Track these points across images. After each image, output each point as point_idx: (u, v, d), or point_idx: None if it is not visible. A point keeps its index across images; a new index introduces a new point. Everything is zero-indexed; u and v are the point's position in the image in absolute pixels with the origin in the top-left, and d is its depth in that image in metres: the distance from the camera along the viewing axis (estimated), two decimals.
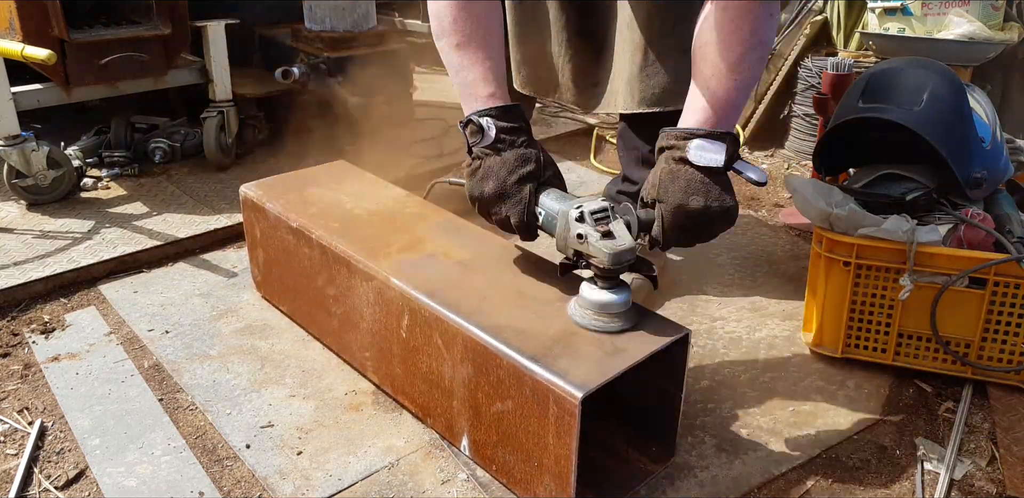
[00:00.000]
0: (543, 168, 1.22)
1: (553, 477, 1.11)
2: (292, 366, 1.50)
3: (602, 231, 1.12)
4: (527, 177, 1.20)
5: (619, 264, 1.12)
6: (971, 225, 1.42)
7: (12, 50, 1.74)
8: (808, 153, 2.49)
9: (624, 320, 1.16)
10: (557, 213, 1.17)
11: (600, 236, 1.11)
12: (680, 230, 1.15)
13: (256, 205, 1.57)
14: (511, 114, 1.23)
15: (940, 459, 1.30)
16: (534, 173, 1.21)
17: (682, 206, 1.12)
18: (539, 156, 1.23)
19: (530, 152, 1.22)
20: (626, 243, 1.11)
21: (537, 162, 1.22)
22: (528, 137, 1.24)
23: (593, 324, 1.16)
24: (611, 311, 1.15)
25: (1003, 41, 2.15)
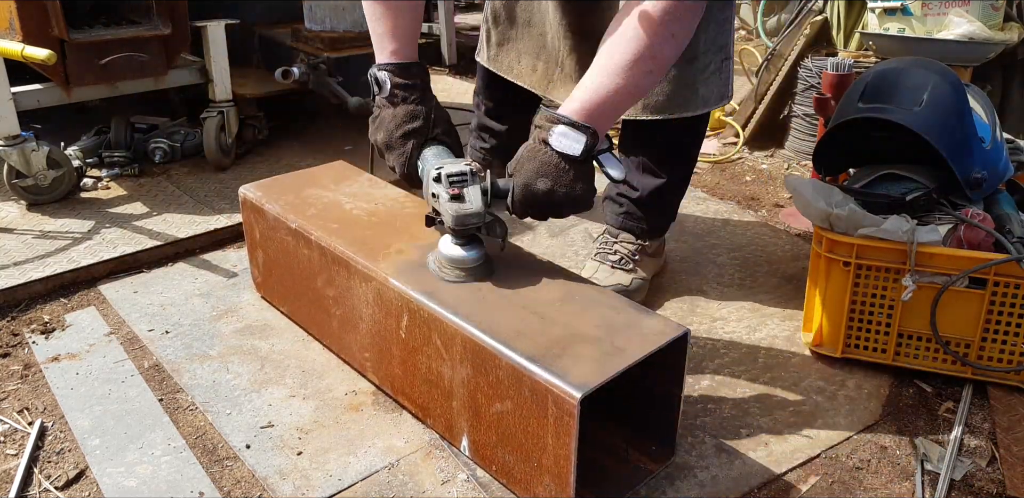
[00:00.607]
0: (431, 125, 1.29)
1: (553, 477, 1.11)
2: (292, 366, 1.51)
3: (452, 193, 1.20)
4: (411, 133, 1.28)
5: (462, 226, 1.20)
6: (971, 225, 1.42)
7: (12, 50, 1.74)
8: (808, 153, 2.49)
9: (473, 275, 1.26)
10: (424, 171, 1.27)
11: (449, 198, 1.20)
12: (525, 205, 1.22)
13: (255, 206, 1.57)
14: (409, 71, 1.30)
15: (940, 459, 1.30)
16: (419, 129, 1.28)
17: (528, 185, 1.19)
18: (429, 113, 1.29)
19: (419, 109, 1.29)
20: (472, 207, 1.19)
21: (425, 119, 1.28)
22: (422, 94, 1.30)
23: (447, 276, 1.26)
24: (463, 266, 1.26)
25: (1003, 41, 2.15)
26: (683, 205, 2.18)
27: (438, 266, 1.28)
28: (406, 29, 1.32)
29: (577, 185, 1.19)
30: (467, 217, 1.20)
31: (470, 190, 1.21)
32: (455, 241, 1.25)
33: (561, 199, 1.19)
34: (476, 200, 1.20)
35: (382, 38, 1.32)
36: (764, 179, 2.46)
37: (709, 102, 1.58)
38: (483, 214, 1.21)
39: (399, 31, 1.31)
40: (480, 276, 1.26)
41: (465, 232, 1.23)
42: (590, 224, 2.09)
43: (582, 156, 1.17)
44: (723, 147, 2.67)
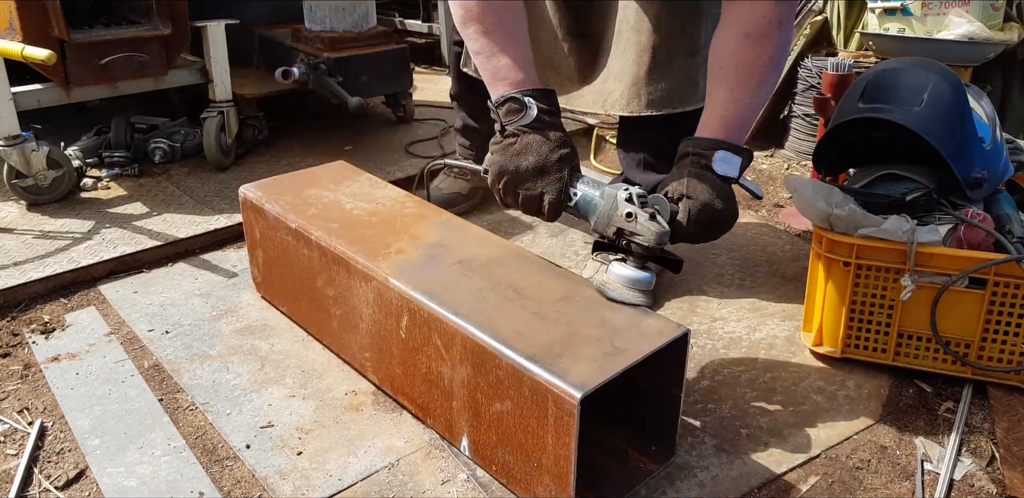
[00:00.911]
0: (576, 154, 1.28)
1: (553, 477, 1.11)
2: (292, 366, 1.51)
3: (649, 213, 1.21)
4: (565, 158, 1.25)
5: (661, 244, 1.22)
6: (971, 225, 1.42)
7: (12, 50, 1.74)
8: (808, 153, 2.49)
9: (649, 297, 1.26)
10: (598, 194, 1.26)
11: (648, 217, 1.21)
12: (699, 225, 1.23)
13: (255, 206, 1.57)
14: (550, 98, 1.28)
15: (940, 459, 1.30)
16: (570, 155, 1.26)
17: (708, 205, 1.22)
18: (570, 141, 1.28)
19: (567, 137, 1.28)
20: (666, 228, 1.22)
21: (571, 147, 1.27)
22: (561, 122, 1.29)
23: (627, 297, 1.24)
24: (642, 287, 1.24)
25: (1003, 41, 2.15)
26: None
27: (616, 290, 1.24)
28: (528, 58, 1.31)
29: (735, 205, 1.25)
30: (664, 235, 1.22)
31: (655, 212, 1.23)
32: (635, 264, 1.25)
33: (730, 217, 1.24)
34: (663, 220, 1.23)
35: (507, 69, 1.29)
36: (764, 179, 2.46)
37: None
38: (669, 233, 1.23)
39: (523, 60, 1.30)
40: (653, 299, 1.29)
41: (657, 251, 1.24)
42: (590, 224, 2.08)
43: (737, 177, 1.25)
44: None
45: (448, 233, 1.43)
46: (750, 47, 1.21)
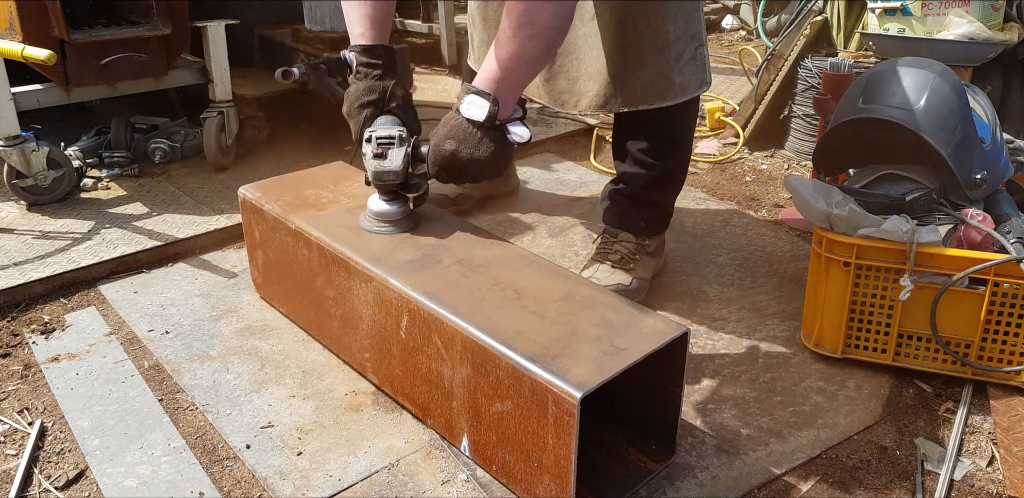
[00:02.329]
0: (386, 99, 1.44)
1: (553, 477, 1.11)
2: (292, 366, 1.51)
3: (375, 152, 1.36)
4: (367, 104, 1.44)
5: (379, 180, 1.37)
6: (971, 225, 1.42)
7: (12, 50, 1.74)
8: (808, 153, 2.49)
9: (398, 227, 1.42)
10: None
11: (372, 156, 1.36)
12: (435, 165, 1.36)
13: (255, 207, 1.57)
14: (372, 52, 1.45)
15: (940, 459, 1.30)
16: (375, 101, 1.44)
17: (438, 146, 1.34)
18: (386, 89, 1.44)
19: (378, 84, 1.44)
20: (391, 166, 1.35)
21: (381, 93, 1.44)
22: (383, 72, 1.45)
23: (373, 228, 1.42)
24: (386, 218, 1.41)
25: (1003, 41, 2.15)
26: (683, 205, 2.19)
27: (366, 219, 1.43)
28: (375, 16, 1.46)
29: (481, 148, 1.31)
30: (384, 173, 1.35)
31: (394, 151, 1.36)
32: (381, 197, 1.41)
33: (465, 159, 1.31)
34: (396, 160, 1.35)
35: (353, 24, 1.47)
36: (764, 179, 2.46)
37: (688, 89, 1.61)
38: (400, 173, 1.35)
39: (367, 17, 1.46)
40: (404, 228, 1.42)
41: (383, 187, 1.39)
42: (590, 224, 2.09)
43: (487, 121, 1.30)
44: (723, 147, 2.67)
45: (448, 233, 1.43)
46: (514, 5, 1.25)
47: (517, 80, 1.31)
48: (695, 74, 1.61)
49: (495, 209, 2.17)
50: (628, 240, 1.75)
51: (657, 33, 1.55)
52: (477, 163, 1.32)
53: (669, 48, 1.56)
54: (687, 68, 1.59)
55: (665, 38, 1.55)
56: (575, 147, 2.69)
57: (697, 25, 1.59)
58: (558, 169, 2.49)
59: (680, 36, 1.56)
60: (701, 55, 1.61)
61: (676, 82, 1.59)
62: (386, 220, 1.42)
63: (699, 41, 1.60)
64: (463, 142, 1.31)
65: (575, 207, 2.20)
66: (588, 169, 2.50)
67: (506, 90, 1.31)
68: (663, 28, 1.54)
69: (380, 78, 1.45)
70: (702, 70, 1.62)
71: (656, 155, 1.69)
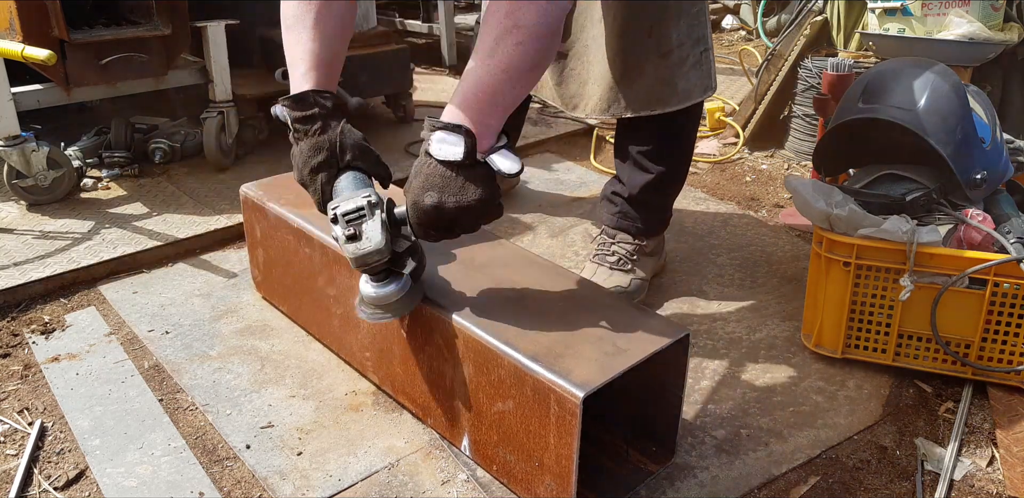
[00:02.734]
0: (339, 155, 1.21)
1: (554, 477, 1.11)
2: (292, 366, 1.51)
3: (348, 235, 1.12)
4: (318, 167, 1.20)
5: (364, 265, 1.13)
6: (971, 225, 1.42)
7: (12, 50, 1.74)
8: (808, 153, 2.49)
9: (392, 312, 1.20)
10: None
11: (346, 240, 1.12)
12: (422, 225, 1.13)
13: (256, 205, 1.57)
14: (303, 102, 1.21)
15: (940, 459, 1.30)
16: (325, 162, 1.20)
17: (417, 203, 1.10)
18: (334, 142, 1.21)
19: (322, 139, 1.20)
20: (369, 246, 1.11)
21: (330, 150, 1.20)
22: (323, 123, 1.21)
23: (365, 315, 1.21)
24: (382, 302, 1.18)
25: (1003, 41, 2.15)
26: (683, 205, 2.19)
27: (362, 309, 1.22)
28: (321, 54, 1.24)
29: (467, 192, 1.08)
30: (365, 256, 1.12)
31: (368, 225, 1.13)
32: (371, 280, 1.18)
33: (452, 211, 1.08)
34: (375, 236, 1.12)
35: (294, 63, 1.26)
36: (764, 179, 2.46)
37: (692, 95, 1.59)
38: (384, 250, 1.12)
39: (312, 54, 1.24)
40: (400, 312, 1.21)
41: (369, 271, 1.16)
42: (590, 225, 2.09)
43: (466, 159, 1.07)
44: (723, 147, 2.67)
45: None
46: (495, 9, 1.06)
47: (499, 101, 1.08)
48: (700, 79, 1.58)
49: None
50: (626, 241, 1.75)
51: (660, 38, 1.52)
52: (468, 211, 1.09)
53: (672, 53, 1.54)
54: (692, 73, 1.57)
55: (668, 43, 1.53)
56: (575, 147, 2.69)
57: (702, 29, 1.56)
58: (558, 169, 2.49)
59: (684, 41, 1.54)
60: (707, 59, 1.58)
61: (679, 87, 1.57)
62: (383, 304, 1.19)
63: (704, 45, 1.57)
64: (444, 190, 1.08)
65: (575, 207, 2.20)
66: (588, 169, 2.50)
67: (485, 115, 1.08)
68: (666, 33, 1.52)
69: (322, 131, 1.21)
70: (707, 75, 1.59)
71: (657, 158, 1.69)
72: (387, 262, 1.14)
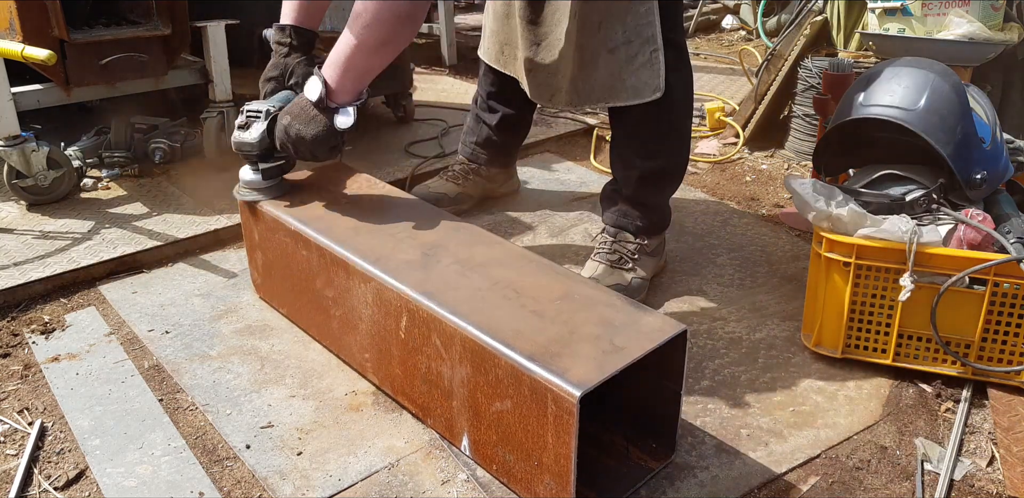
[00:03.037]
0: (287, 75, 1.55)
1: (553, 476, 1.11)
2: (292, 366, 1.51)
3: (239, 124, 1.47)
4: (269, 79, 1.56)
5: (238, 151, 1.49)
6: (971, 225, 1.42)
7: (12, 50, 1.74)
8: (808, 153, 2.48)
9: (264, 194, 1.54)
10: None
11: (236, 128, 1.48)
12: (279, 139, 1.45)
13: (254, 207, 1.57)
14: (282, 31, 1.57)
15: (940, 459, 1.30)
16: (275, 77, 1.56)
17: (279, 120, 1.45)
18: (288, 65, 1.55)
19: (282, 62, 1.56)
20: (249, 138, 1.46)
21: (283, 69, 1.55)
22: (289, 50, 1.56)
23: (243, 196, 1.55)
24: (252, 186, 1.53)
25: (1003, 41, 2.15)
26: (683, 205, 2.19)
27: (237, 189, 1.55)
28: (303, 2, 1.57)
29: (309, 126, 1.41)
30: (240, 144, 1.47)
31: (257, 124, 1.46)
32: (249, 167, 1.52)
33: (295, 135, 1.42)
34: (255, 132, 1.46)
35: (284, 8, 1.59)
36: (764, 179, 2.46)
37: (641, 92, 1.62)
38: (256, 145, 1.46)
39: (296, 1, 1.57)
40: (271, 196, 1.54)
41: (244, 156, 1.50)
42: (590, 224, 2.09)
43: (316, 101, 1.40)
44: (723, 147, 2.67)
45: (447, 233, 1.43)
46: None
47: (351, 67, 1.39)
48: (650, 78, 1.61)
49: (495, 209, 2.17)
50: (627, 240, 1.75)
51: (607, 34, 1.58)
52: (303, 140, 1.42)
53: (619, 49, 1.59)
54: (642, 71, 1.61)
55: (613, 39, 1.58)
56: (575, 147, 2.69)
57: (651, 28, 1.58)
58: (558, 169, 2.49)
59: (631, 38, 1.58)
60: (656, 59, 1.60)
61: (628, 83, 1.62)
62: (253, 188, 1.53)
63: (654, 45, 1.59)
64: (296, 118, 1.42)
65: (575, 207, 2.20)
66: (588, 169, 2.50)
67: (342, 75, 1.39)
68: (613, 29, 1.58)
69: (286, 55, 1.56)
70: (656, 75, 1.61)
71: (642, 154, 1.71)
72: (257, 155, 1.49)
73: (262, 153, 1.48)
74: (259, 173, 1.51)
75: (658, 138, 1.71)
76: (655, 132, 1.71)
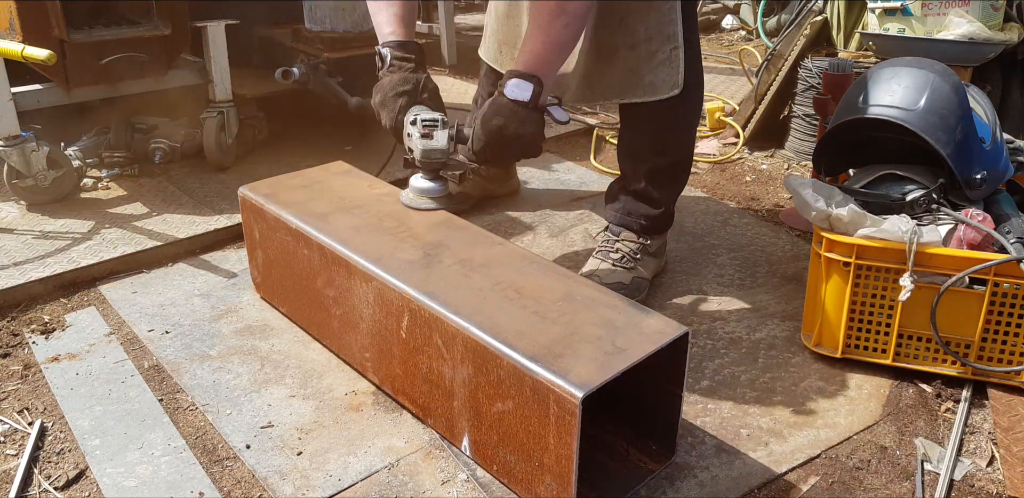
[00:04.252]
0: (419, 90, 1.53)
1: (554, 477, 1.11)
2: (292, 366, 1.51)
3: (422, 133, 1.46)
4: (402, 93, 1.51)
5: (427, 159, 1.47)
6: (971, 225, 1.42)
7: (12, 50, 1.74)
8: (808, 153, 2.49)
9: (440, 204, 1.52)
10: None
11: (419, 136, 1.46)
12: (483, 142, 1.43)
13: (255, 206, 1.57)
14: (405, 47, 1.55)
15: (940, 459, 1.30)
16: (409, 91, 1.52)
17: (486, 123, 1.42)
18: (419, 81, 1.53)
19: (412, 76, 1.53)
20: (437, 145, 1.45)
21: (415, 84, 1.52)
22: (416, 65, 1.55)
23: (415, 204, 1.52)
24: (430, 194, 1.52)
25: (1003, 41, 2.15)
26: (683, 205, 2.19)
27: (410, 197, 1.53)
28: (403, 16, 1.57)
29: (526, 126, 1.41)
30: (431, 152, 1.46)
31: (438, 132, 1.46)
32: (424, 176, 1.52)
33: (511, 135, 1.41)
34: (442, 140, 1.46)
35: (382, 24, 1.56)
36: (764, 179, 2.46)
37: (659, 89, 1.63)
38: (445, 152, 1.46)
39: (397, 17, 1.56)
40: (446, 205, 1.53)
41: (429, 166, 1.49)
42: (590, 224, 2.09)
43: (531, 102, 1.40)
44: (723, 147, 2.67)
45: (448, 233, 1.43)
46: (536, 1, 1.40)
47: (554, 65, 1.43)
48: (668, 76, 1.62)
49: (495, 209, 2.17)
50: (630, 239, 1.75)
51: (628, 31, 1.59)
52: (522, 139, 1.42)
53: (639, 46, 1.60)
54: (661, 69, 1.61)
55: (635, 35, 1.59)
56: (575, 147, 2.69)
57: (673, 27, 1.59)
58: (558, 169, 2.49)
59: (653, 35, 1.59)
60: (676, 57, 1.61)
61: (646, 80, 1.62)
62: (430, 196, 1.52)
63: (674, 43, 1.60)
64: (510, 119, 1.40)
65: (575, 207, 2.20)
66: (588, 169, 2.50)
67: (545, 73, 1.42)
68: (634, 26, 1.59)
69: (414, 71, 1.54)
70: (675, 72, 1.62)
71: (654, 150, 1.72)
72: (442, 164, 1.49)
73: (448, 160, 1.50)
74: (440, 181, 1.52)
75: (669, 135, 1.72)
76: (668, 128, 1.71)
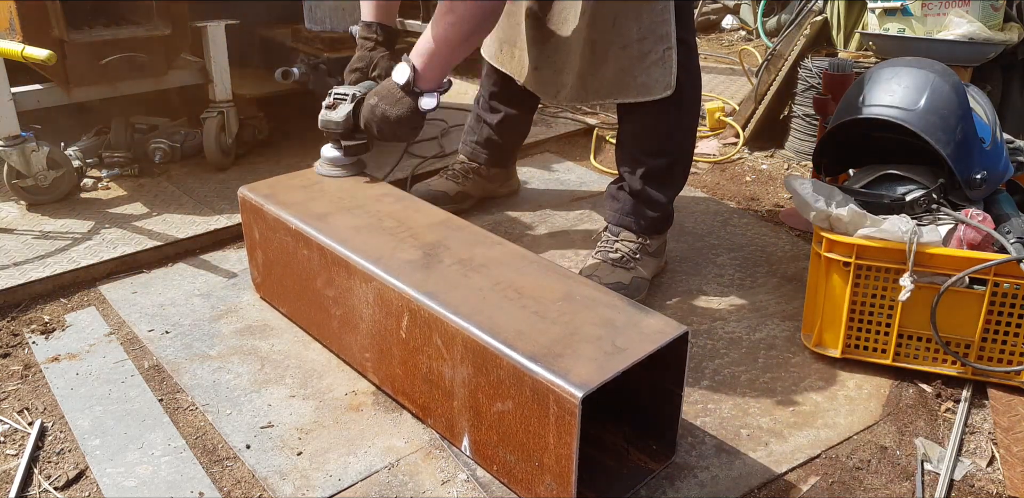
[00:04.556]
0: (371, 67, 1.68)
1: (554, 477, 1.11)
2: (292, 366, 1.51)
3: (327, 104, 1.60)
4: (355, 70, 1.69)
5: (324, 128, 1.60)
6: (971, 225, 1.42)
7: (12, 50, 1.74)
8: (808, 153, 2.49)
9: (347, 171, 1.64)
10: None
11: (325, 107, 1.60)
12: (364, 118, 1.58)
13: (255, 207, 1.57)
14: (369, 27, 1.69)
15: (940, 459, 1.30)
16: (362, 68, 1.68)
17: (366, 100, 1.57)
18: (372, 59, 1.68)
19: (367, 55, 1.68)
20: (336, 117, 1.58)
21: (368, 62, 1.68)
22: (375, 45, 1.69)
23: (326, 172, 1.64)
24: (337, 163, 1.64)
25: (1003, 41, 2.15)
26: (683, 205, 2.19)
27: (320, 165, 1.65)
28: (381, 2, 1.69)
29: (396, 107, 1.53)
30: (327, 123, 1.59)
31: (343, 106, 1.58)
32: (333, 146, 1.63)
33: (380, 114, 1.54)
34: (342, 112, 1.58)
35: (363, 7, 1.70)
36: (764, 179, 2.46)
37: (652, 90, 1.63)
38: (340, 123, 1.58)
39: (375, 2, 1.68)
40: (351, 173, 1.64)
41: (329, 136, 1.61)
42: (590, 224, 2.09)
43: (404, 84, 1.52)
44: (723, 147, 2.67)
45: (448, 233, 1.43)
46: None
47: (437, 58, 1.50)
48: (661, 76, 1.62)
49: (495, 209, 2.17)
50: (630, 239, 1.75)
51: (621, 30, 1.60)
52: (388, 119, 1.53)
53: (632, 46, 1.60)
54: (653, 69, 1.62)
55: (628, 36, 1.60)
56: (575, 147, 2.69)
57: (666, 27, 1.59)
58: (558, 169, 2.49)
59: (646, 35, 1.59)
60: (669, 57, 1.61)
61: (639, 80, 1.63)
62: (335, 164, 1.64)
63: (668, 44, 1.60)
64: (384, 99, 1.54)
65: (575, 207, 2.20)
66: (588, 169, 2.50)
67: (429, 64, 1.51)
68: (627, 26, 1.59)
69: (371, 49, 1.68)
70: (668, 73, 1.62)
71: (650, 152, 1.72)
72: (340, 134, 1.60)
73: (345, 132, 1.59)
74: (340, 150, 1.62)
75: (666, 135, 1.72)
76: (663, 129, 1.72)
